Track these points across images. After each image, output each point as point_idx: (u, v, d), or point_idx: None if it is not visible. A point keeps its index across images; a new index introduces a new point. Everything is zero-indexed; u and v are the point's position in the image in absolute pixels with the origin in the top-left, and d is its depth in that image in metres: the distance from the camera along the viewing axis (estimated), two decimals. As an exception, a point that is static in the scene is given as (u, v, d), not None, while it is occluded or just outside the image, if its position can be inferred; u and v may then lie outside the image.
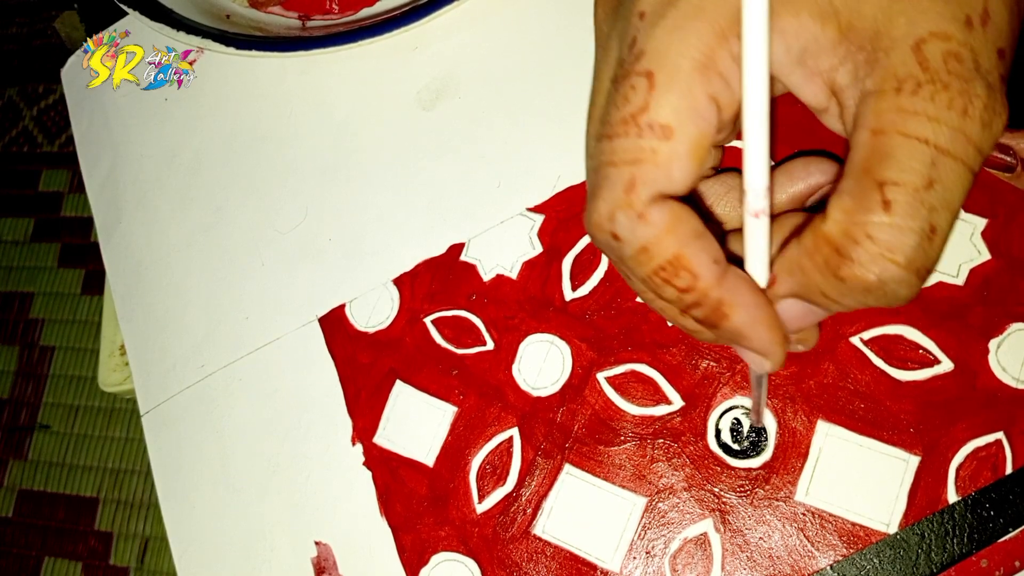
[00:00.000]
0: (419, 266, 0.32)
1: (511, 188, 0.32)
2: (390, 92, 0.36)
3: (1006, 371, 0.26)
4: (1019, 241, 0.27)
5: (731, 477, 0.27)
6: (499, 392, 0.30)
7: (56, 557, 1.03)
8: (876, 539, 0.25)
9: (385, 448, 0.30)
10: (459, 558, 0.28)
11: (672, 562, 0.26)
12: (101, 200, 0.37)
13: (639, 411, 0.28)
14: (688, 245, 0.18)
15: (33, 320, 1.17)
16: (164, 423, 0.33)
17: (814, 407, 0.27)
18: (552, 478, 0.28)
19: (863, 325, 0.27)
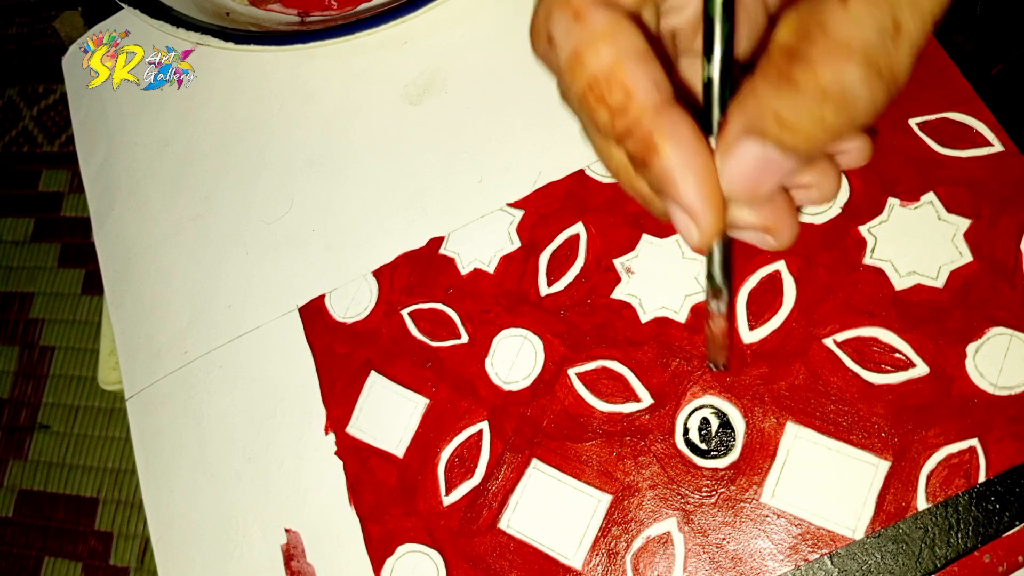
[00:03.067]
0: (399, 258, 0.33)
1: (492, 183, 0.33)
2: (378, 87, 0.36)
3: (983, 376, 0.25)
4: (1002, 243, 0.26)
5: (697, 477, 0.26)
6: (471, 385, 0.30)
7: (56, 557, 1.04)
8: (841, 544, 0.24)
9: (357, 438, 0.30)
10: (424, 550, 0.28)
11: (635, 560, 0.26)
12: (96, 187, 0.38)
13: (608, 408, 0.28)
14: (627, 58, 0.17)
15: (33, 320, 1.18)
16: (147, 408, 0.34)
17: (784, 408, 0.26)
18: (519, 472, 0.28)
19: (837, 327, 0.27)
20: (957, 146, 0.28)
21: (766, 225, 0.19)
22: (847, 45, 0.15)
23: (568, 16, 0.17)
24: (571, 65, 0.17)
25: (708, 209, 0.17)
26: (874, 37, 0.15)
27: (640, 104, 0.17)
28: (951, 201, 0.27)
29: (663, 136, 0.17)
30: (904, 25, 0.15)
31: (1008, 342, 0.25)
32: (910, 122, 0.28)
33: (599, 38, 0.17)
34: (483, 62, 0.35)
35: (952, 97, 0.28)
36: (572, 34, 0.17)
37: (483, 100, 0.34)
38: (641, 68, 0.17)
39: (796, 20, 0.15)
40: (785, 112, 0.16)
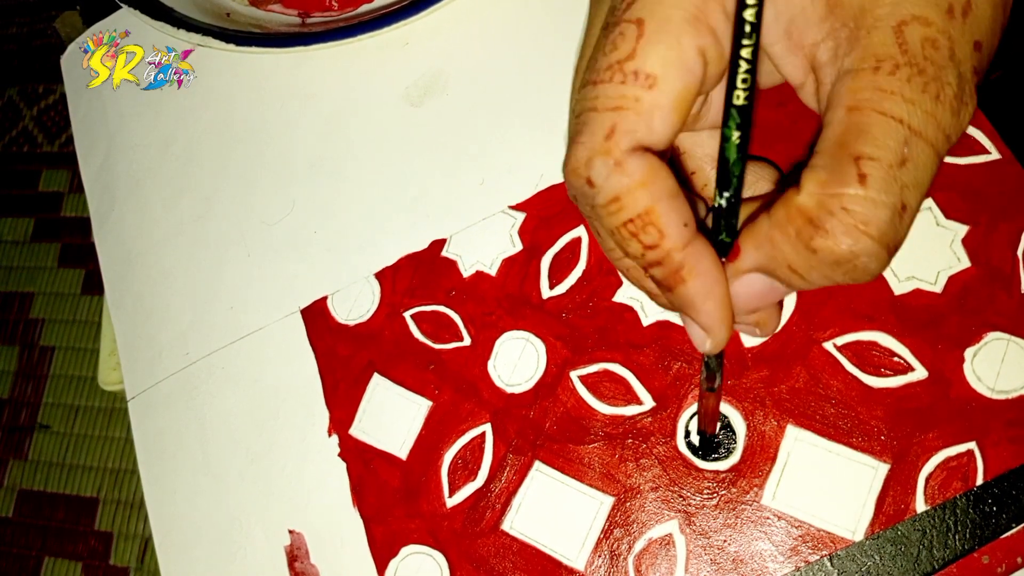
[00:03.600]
0: (401, 260, 0.33)
1: (494, 185, 0.33)
2: (379, 88, 0.36)
3: (981, 381, 0.25)
4: (1000, 250, 0.27)
5: (698, 479, 0.27)
6: (474, 388, 0.30)
7: (56, 557, 1.03)
8: (841, 546, 0.25)
9: (360, 440, 0.30)
10: (428, 551, 0.28)
11: (637, 562, 0.26)
12: (96, 188, 0.38)
13: (610, 410, 0.28)
14: (661, 202, 0.18)
15: (33, 320, 1.17)
16: (149, 409, 0.34)
17: (784, 411, 0.27)
18: (522, 475, 0.28)
19: (837, 331, 0.27)
20: (955, 153, 0.28)
21: (757, 321, 0.22)
22: (864, 225, 0.17)
23: (608, 164, 0.18)
24: (609, 206, 0.19)
25: (722, 328, 0.20)
26: (887, 218, 0.17)
27: (671, 242, 0.19)
28: (949, 207, 0.27)
29: (689, 270, 0.19)
30: (909, 205, 0.17)
31: (1005, 347, 0.26)
32: (909, 128, 0.29)
33: (637, 186, 0.18)
34: (485, 64, 0.35)
35: (951, 104, 0.29)
36: (611, 180, 0.19)
37: (485, 102, 0.34)
38: (673, 211, 0.19)
39: (817, 188, 0.17)
40: (799, 267, 0.18)
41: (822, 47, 0.19)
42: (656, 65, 0.18)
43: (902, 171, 0.17)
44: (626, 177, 0.18)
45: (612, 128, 0.18)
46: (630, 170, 0.18)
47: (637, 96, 0.18)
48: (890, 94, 0.17)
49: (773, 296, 0.20)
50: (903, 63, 0.17)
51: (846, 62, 0.18)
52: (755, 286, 0.19)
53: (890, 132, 0.17)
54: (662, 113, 0.18)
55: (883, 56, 0.17)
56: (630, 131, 0.18)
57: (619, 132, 0.18)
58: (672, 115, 0.18)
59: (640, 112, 0.18)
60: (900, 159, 0.17)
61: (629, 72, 0.18)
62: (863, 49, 0.18)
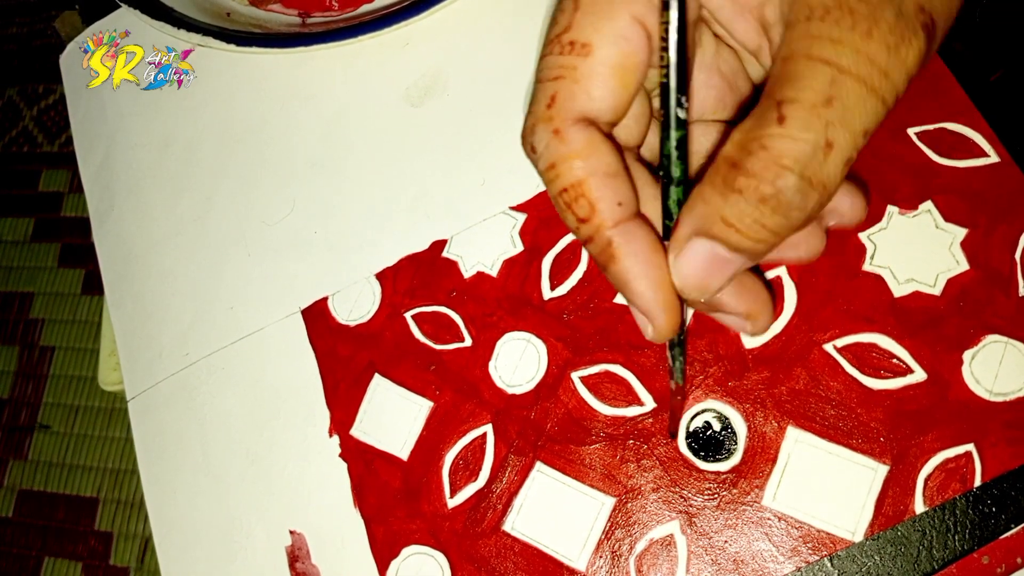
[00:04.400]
0: (402, 261, 0.33)
1: (495, 186, 0.33)
2: (379, 88, 0.36)
3: (979, 383, 0.26)
4: (998, 252, 0.27)
5: (699, 480, 0.27)
6: (475, 388, 0.30)
7: (56, 557, 1.03)
8: (841, 547, 0.25)
9: (361, 440, 0.30)
10: (429, 551, 0.28)
11: (638, 562, 0.26)
12: (95, 187, 0.38)
13: (611, 411, 0.28)
14: (595, 176, 0.19)
15: (33, 320, 1.17)
16: (149, 409, 0.34)
17: (785, 413, 0.27)
18: (523, 475, 0.28)
19: (837, 332, 0.27)
20: (955, 156, 0.28)
21: (747, 311, 0.21)
22: (782, 158, 0.17)
23: (548, 131, 0.19)
24: (547, 172, 0.19)
25: (661, 313, 0.19)
26: (808, 152, 0.16)
27: (601, 218, 0.19)
28: (949, 210, 0.28)
29: (620, 247, 0.19)
30: (836, 142, 0.17)
31: (1003, 349, 0.26)
32: (909, 132, 0.29)
33: (573, 155, 0.19)
34: (485, 64, 0.35)
35: (950, 108, 0.29)
36: (550, 148, 0.19)
37: (485, 102, 0.34)
38: (607, 185, 0.19)
39: (739, 136, 0.17)
40: (729, 215, 0.18)
41: (768, 7, 0.19)
42: (590, 34, 0.19)
43: (827, 110, 0.16)
44: (564, 146, 0.19)
45: (553, 96, 0.19)
46: (568, 139, 0.19)
47: (574, 65, 0.19)
48: (818, 38, 0.17)
49: (721, 267, 0.19)
50: (833, 6, 0.17)
51: (788, 17, 0.18)
52: (699, 254, 0.19)
53: (815, 73, 0.16)
54: (601, 80, 0.19)
55: (815, 4, 0.17)
56: (568, 98, 0.19)
57: (559, 100, 0.19)
58: (612, 81, 0.19)
59: (577, 80, 0.19)
60: (824, 98, 0.16)
61: (566, 43, 0.19)
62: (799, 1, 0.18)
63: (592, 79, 0.19)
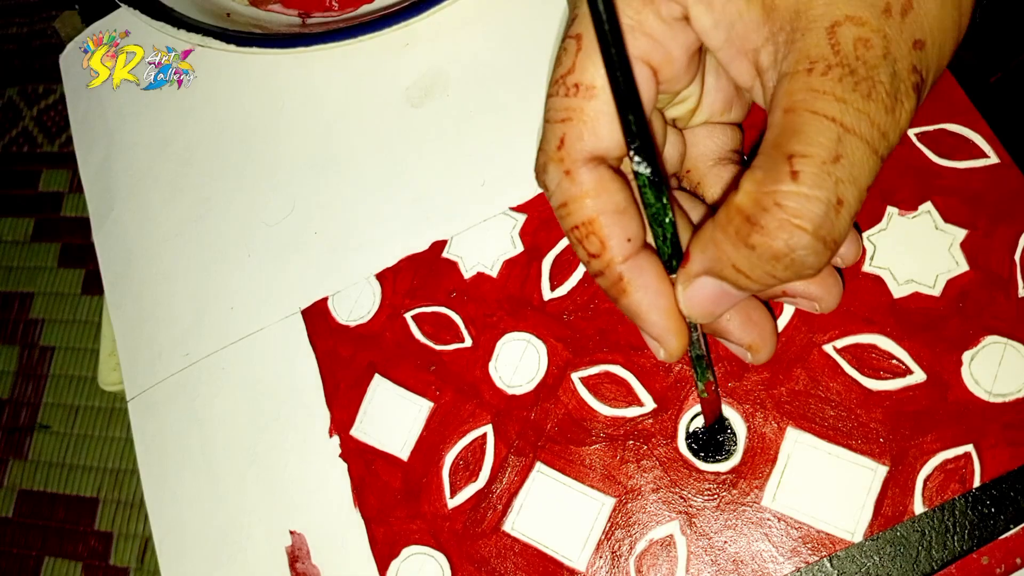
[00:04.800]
0: (402, 262, 0.33)
1: (495, 187, 0.33)
2: (380, 88, 0.36)
3: (979, 384, 0.26)
4: (998, 253, 0.27)
5: (699, 480, 0.27)
6: (475, 389, 0.30)
7: (56, 557, 1.03)
8: (840, 547, 0.25)
9: (361, 441, 0.31)
10: (429, 552, 0.28)
11: (638, 563, 0.26)
12: (95, 188, 0.38)
13: (611, 412, 0.28)
14: (605, 214, 0.19)
15: (33, 320, 1.17)
16: (149, 410, 0.34)
17: (784, 413, 0.27)
18: (523, 476, 0.28)
19: (837, 333, 0.27)
20: (955, 157, 0.28)
21: (751, 343, 0.23)
22: (798, 219, 0.17)
23: (559, 172, 0.20)
24: (559, 210, 0.20)
25: (671, 338, 0.21)
26: (821, 212, 0.17)
27: (612, 254, 0.20)
28: (948, 211, 0.28)
29: (629, 283, 0.20)
30: (846, 199, 0.17)
31: (1003, 351, 0.26)
32: (908, 132, 0.29)
33: (583, 195, 0.20)
34: (485, 65, 0.35)
35: (950, 109, 0.29)
36: (561, 187, 0.20)
37: (485, 103, 0.35)
38: (617, 223, 0.20)
39: (751, 188, 0.18)
40: (741, 265, 0.18)
41: (763, 51, 0.19)
42: (593, 76, 0.19)
43: (836, 167, 0.17)
44: (575, 186, 0.20)
45: (562, 138, 0.20)
46: (579, 180, 0.20)
47: (580, 107, 0.20)
48: (822, 94, 0.17)
49: (728, 300, 0.20)
50: (835, 63, 0.17)
51: (784, 65, 0.18)
52: (706, 289, 0.20)
53: (822, 130, 0.17)
54: (607, 119, 0.19)
55: (816, 57, 0.18)
56: (576, 139, 0.20)
57: (568, 141, 0.20)
58: (617, 120, 0.19)
59: (585, 121, 0.19)
60: (833, 156, 0.17)
61: (571, 85, 0.20)
62: (798, 52, 0.18)
63: (599, 120, 0.19)
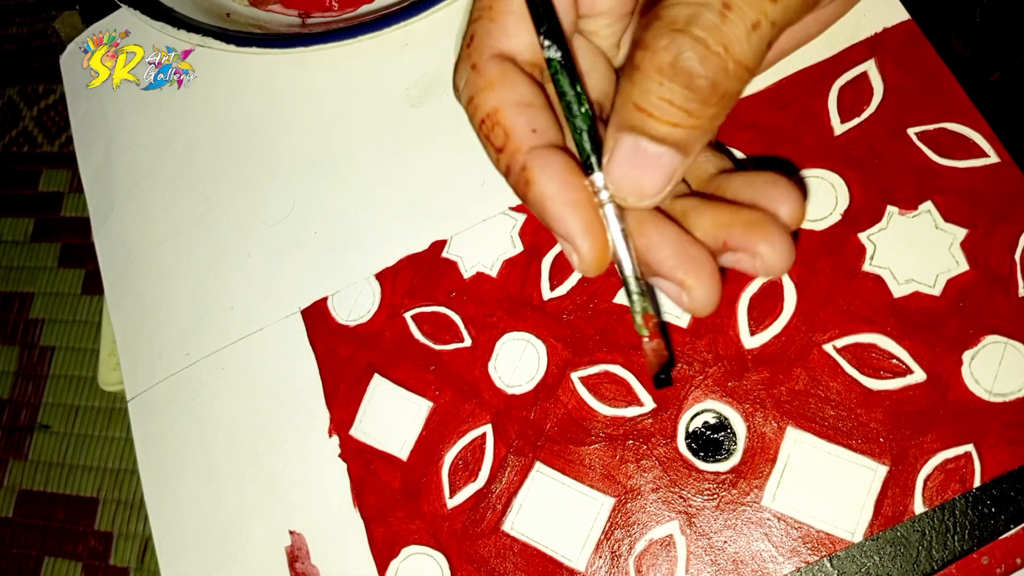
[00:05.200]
0: (401, 261, 0.33)
1: (495, 187, 0.33)
2: (379, 88, 0.36)
3: (979, 384, 0.26)
4: (998, 253, 0.27)
5: (699, 480, 0.27)
6: (474, 389, 0.30)
7: (56, 557, 1.03)
8: (840, 547, 0.25)
9: (361, 441, 0.31)
10: (429, 551, 0.28)
11: (637, 562, 0.26)
12: (95, 187, 0.38)
13: (611, 412, 0.28)
14: (508, 106, 0.19)
15: (33, 320, 1.17)
16: (149, 410, 0.34)
17: (784, 413, 0.27)
18: (523, 476, 0.28)
19: (837, 333, 0.27)
20: (954, 156, 0.28)
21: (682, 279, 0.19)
22: (674, 23, 0.16)
23: (467, 67, 0.20)
24: (468, 107, 0.20)
25: (583, 235, 0.18)
26: (700, 14, 0.16)
27: (516, 143, 0.19)
28: (948, 211, 0.28)
29: (534, 171, 0.19)
30: (735, 4, 0.16)
31: (1003, 350, 0.26)
32: (909, 132, 0.29)
33: (487, 86, 0.20)
34: (485, 65, 0.35)
35: (949, 108, 0.29)
36: (469, 82, 0.20)
37: (485, 103, 0.34)
38: (521, 113, 0.19)
39: (644, 19, 0.18)
40: (639, 99, 0.17)
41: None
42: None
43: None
44: (480, 78, 0.20)
45: (472, 35, 0.20)
46: (484, 72, 0.20)
47: (490, 5, 0.20)
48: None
49: (651, 162, 0.18)
50: None
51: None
52: (624, 149, 0.18)
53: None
54: (515, 18, 0.20)
55: None
56: (486, 36, 0.20)
57: (477, 38, 0.20)
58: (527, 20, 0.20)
59: (493, 19, 0.20)
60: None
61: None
62: None
63: (507, 17, 0.20)
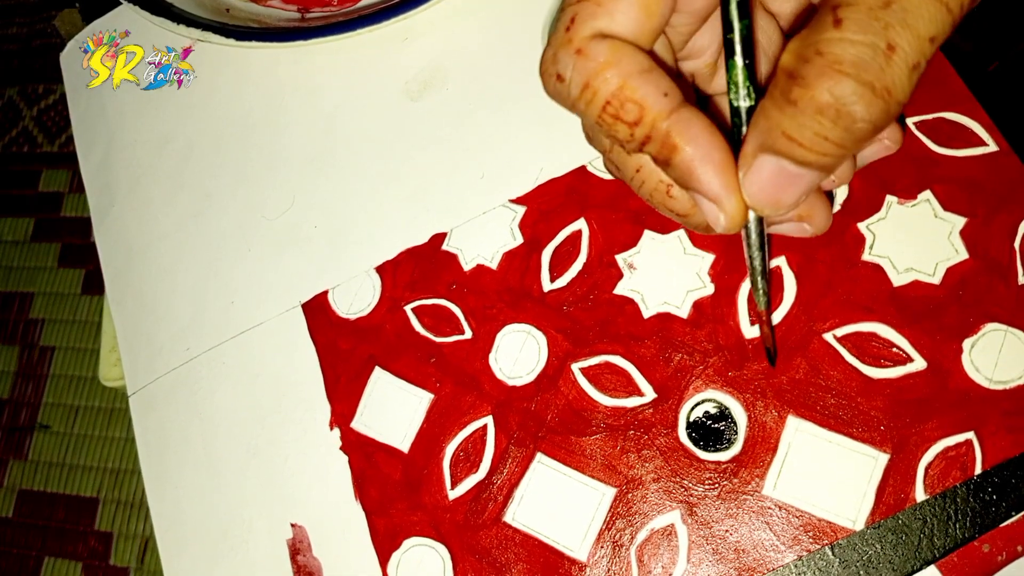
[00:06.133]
0: (401, 255, 0.33)
1: (494, 179, 0.33)
2: (379, 83, 0.36)
3: (979, 371, 0.26)
4: (997, 241, 0.27)
5: (700, 469, 0.27)
6: (475, 380, 0.30)
7: (56, 557, 1.03)
8: (842, 535, 0.25)
9: (362, 433, 0.31)
10: (430, 543, 0.28)
11: (639, 552, 0.26)
12: (95, 184, 0.38)
13: (612, 402, 0.28)
14: (632, 76, 0.18)
15: (33, 320, 1.17)
16: (150, 404, 0.34)
17: (785, 402, 0.27)
18: (524, 466, 0.28)
19: (837, 322, 0.27)
20: (953, 145, 0.28)
21: (800, 214, 0.20)
22: (839, 64, 0.16)
23: (571, 53, 0.18)
24: (583, 95, 0.19)
25: (730, 194, 0.19)
26: (866, 56, 0.16)
27: (653, 112, 0.18)
28: (947, 199, 0.28)
29: (679, 134, 0.18)
30: (898, 44, 0.16)
31: (1003, 338, 0.26)
32: (908, 121, 0.29)
33: (603, 67, 0.18)
34: (484, 58, 0.35)
35: (948, 97, 0.29)
36: (578, 68, 0.18)
37: (484, 96, 0.35)
38: (647, 81, 0.18)
39: (796, 44, 0.17)
40: (790, 129, 0.17)
41: None
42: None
43: (886, 12, 0.16)
44: (591, 61, 0.18)
45: (572, 18, 0.18)
46: (593, 54, 0.18)
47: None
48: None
49: (791, 181, 0.18)
50: None
51: None
52: (766, 169, 0.18)
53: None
54: (625, 4, 0.18)
55: None
56: (588, 17, 0.18)
57: (578, 21, 0.18)
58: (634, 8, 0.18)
59: (600, 2, 0.18)
60: (882, 1, 0.16)
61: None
62: None
63: (616, 3, 0.18)
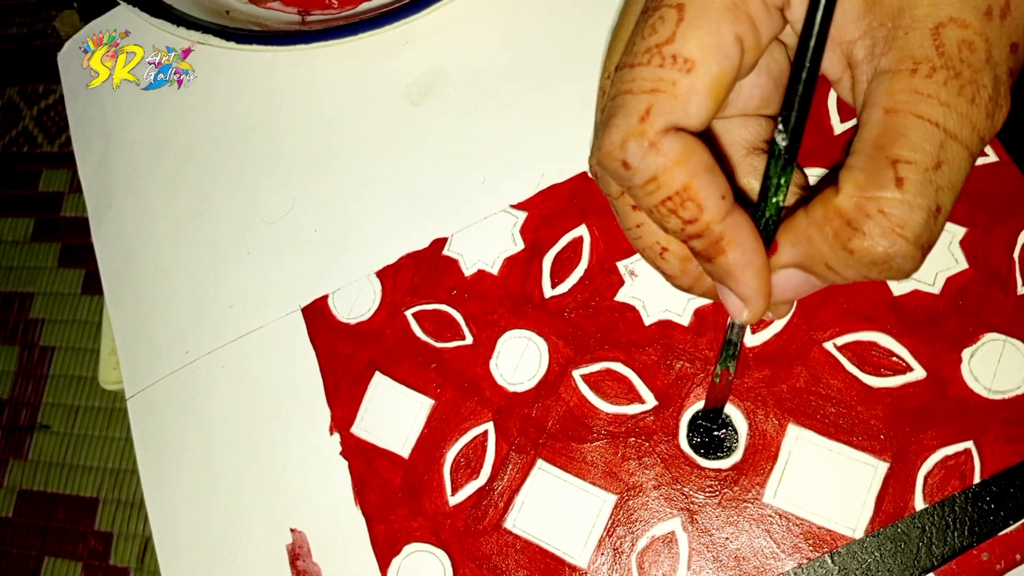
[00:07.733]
0: (402, 259, 0.33)
1: (495, 184, 0.33)
2: (379, 86, 0.36)
3: (978, 381, 0.26)
4: (997, 251, 0.27)
5: (700, 477, 0.27)
6: (476, 386, 0.30)
7: (56, 557, 1.03)
8: (841, 543, 0.25)
9: (362, 439, 0.30)
10: (430, 549, 0.28)
11: (639, 559, 0.27)
12: (93, 185, 0.37)
13: (612, 409, 0.28)
14: (697, 177, 0.19)
15: (33, 320, 1.17)
16: (148, 408, 0.34)
17: (785, 410, 0.27)
18: (524, 473, 0.28)
19: (837, 331, 0.27)
20: (954, 155, 0.28)
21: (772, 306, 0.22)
22: (901, 228, 0.17)
23: (643, 146, 0.19)
24: (647, 186, 0.19)
25: (759, 298, 0.20)
26: (922, 220, 0.17)
27: (711, 214, 0.19)
28: (948, 209, 0.28)
29: (729, 241, 0.19)
30: (944, 206, 0.17)
31: (1002, 347, 0.26)
32: (908, 130, 0.29)
33: (673, 165, 0.19)
34: (485, 62, 0.35)
35: (949, 107, 0.29)
36: (647, 161, 0.19)
37: (485, 101, 0.35)
38: (710, 184, 0.19)
39: (855, 191, 0.18)
40: (836, 266, 0.19)
41: (859, 44, 0.19)
42: (694, 49, 0.19)
43: (937, 174, 0.17)
44: (662, 157, 0.19)
45: (648, 110, 0.19)
46: (665, 150, 0.19)
47: (674, 79, 0.19)
48: (926, 97, 0.17)
49: (809, 288, 0.20)
50: (940, 66, 0.17)
51: (883, 62, 0.18)
52: (792, 280, 0.20)
53: (926, 136, 0.17)
54: (698, 97, 0.19)
55: (920, 58, 0.18)
56: (665, 113, 0.19)
57: (654, 114, 0.19)
58: (707, 99, 0.19)
59: (677, 95, 0.19)
60: (935, 162, 0.17)
61: (668, 55, 0.19)
62: (900, 50, 0.18)
63: (691, 96, 0.19)
